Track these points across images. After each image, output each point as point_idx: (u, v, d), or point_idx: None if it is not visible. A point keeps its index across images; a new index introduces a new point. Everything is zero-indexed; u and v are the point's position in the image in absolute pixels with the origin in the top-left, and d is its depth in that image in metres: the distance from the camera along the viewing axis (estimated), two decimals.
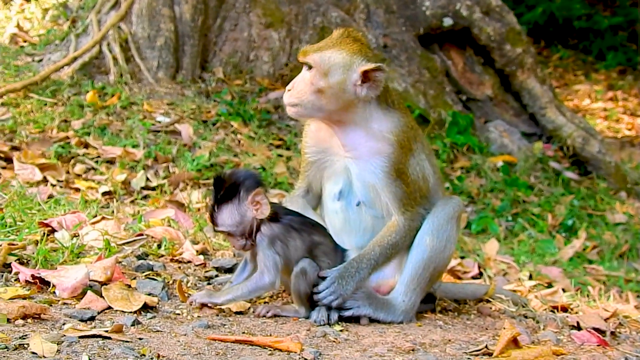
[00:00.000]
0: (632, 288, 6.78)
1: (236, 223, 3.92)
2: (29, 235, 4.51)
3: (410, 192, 4.14)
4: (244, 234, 3.95)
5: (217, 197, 3.92)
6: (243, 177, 3.95)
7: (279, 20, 9.51)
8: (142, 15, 9.04)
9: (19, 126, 7.43)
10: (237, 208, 3.91)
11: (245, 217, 3.92)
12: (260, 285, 3.93)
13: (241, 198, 3.91)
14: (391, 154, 4.10)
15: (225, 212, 3.92)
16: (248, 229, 3.94)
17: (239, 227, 3.93)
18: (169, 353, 3.19)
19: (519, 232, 8.18)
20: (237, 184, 3.91)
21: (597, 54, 17.18)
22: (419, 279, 4.14)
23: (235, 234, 3.95)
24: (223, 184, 3.93)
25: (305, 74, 4.09)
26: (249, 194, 3.91)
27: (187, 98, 8.64)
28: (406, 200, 4.12)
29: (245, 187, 3.91)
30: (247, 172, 4.03)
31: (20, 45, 9.85)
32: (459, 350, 3.71)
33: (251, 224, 3.94)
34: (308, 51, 4.09)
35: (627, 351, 4.04)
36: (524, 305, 4.89)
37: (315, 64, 4.05)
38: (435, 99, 9.59)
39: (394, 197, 4.10)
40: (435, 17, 10.01)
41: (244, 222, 3.93)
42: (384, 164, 4.09)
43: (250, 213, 3.92)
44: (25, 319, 3.37)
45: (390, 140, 4.11)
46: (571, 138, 9.83)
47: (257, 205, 3.92)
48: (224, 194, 3.92)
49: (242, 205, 3.91)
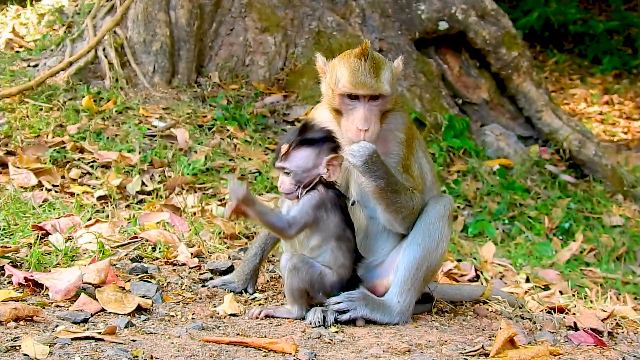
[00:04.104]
0: (630, 290, 6.76)
1: (304, 168, 3.88)
2: (23, 238, 4.50)
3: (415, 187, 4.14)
4: (300, 182, 3.90)
5: (302, 136, 3.89)
6: (331, 137, 3.93)
7: (274, 24, 9.51)
8: (137, 20, 9.03)
9: (15, 131, 7.41)
10: (315, 157, 3.88)
11: (316, 169, 3.89)
12: (279, 227, 3.88)
13: (323, 150, 3.89)
14: (400, 151, 4.15)
15: (302, 153, 3.88)
16: (307, 180, 3.90)
17: (303, 173, 3.88)
18: (162, 355, 3.17)
19: (515, 235, 8.17)
20: (326, 137, 3.90)
21: (593, 58, 17.19)
22: (413, 279, 4.12)
23: (294, 177, 3.89)
24: (311, 129, 3.91)
25: (370, 106, 3.99)
26: (331, 153, 3.90)
27: (183, 102, 8.63)
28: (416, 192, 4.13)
29: (331, 145, 3.91)
30: (334, 136, 3.98)
31: (16, 51, 9.84)
32: (455, 351, 3.69)
33: (314, 178, 3.90)
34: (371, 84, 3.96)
35: (624, 351, 4.03)
36: (521, 307, 4.88)
37: (387, 92, 4.02)
38: (432, 103, 9.58)
39: None
40: (430, 21, 10.01)
41: (310, 172, 3.89)
42: (394, 161, 4.11)
43: (321, 169, 3.89)
44: (18, 322, 3.35)
45: (400, 138, 4.16)
46: (567, 141, 9.81)
47: (332, 167, 3.89)
48: (310, 138, 3.89)
49: (320, 156, 3.88)
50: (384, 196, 4.00)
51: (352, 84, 3.97)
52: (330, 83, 4.08)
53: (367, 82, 3.96)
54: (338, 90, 4.01)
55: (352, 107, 4.00)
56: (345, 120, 4.03)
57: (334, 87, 4.03)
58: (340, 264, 3.99)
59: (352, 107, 4.00)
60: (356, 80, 3.96)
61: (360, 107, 3.98)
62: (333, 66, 4.12)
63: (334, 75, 4.06)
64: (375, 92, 3.98)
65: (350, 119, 4.00)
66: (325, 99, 4.18)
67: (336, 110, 4.07)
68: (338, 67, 4.07)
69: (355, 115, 3.98)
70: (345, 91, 3.99)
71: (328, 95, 4.11)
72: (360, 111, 3.97)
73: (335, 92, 4.03)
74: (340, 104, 4.02)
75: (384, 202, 4.03)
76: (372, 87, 3.97)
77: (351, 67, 3.99)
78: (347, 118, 4.02)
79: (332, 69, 4.11)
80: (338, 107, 4.04)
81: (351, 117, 3.99)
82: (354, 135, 3.96)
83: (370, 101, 3.99)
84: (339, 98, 4.01)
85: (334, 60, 4.16)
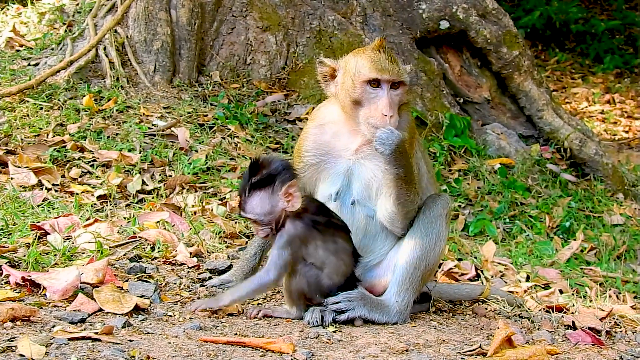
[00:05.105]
0: (630, 289, 6.74)
1: (265, 212, 3.85)
2: (21, 238, 4.50)
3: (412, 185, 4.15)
4: (270, 224, 3.88)
5: (251, 182, 3.84)
6: (281, 166, 3.87)
7: (275, 23, 9.50)
8: (138, 19, 9.02)
9: (15, 130, 7.40)
10: (270, 197, 3.85)
11: (276, 207, 3.85)
12: (264, 283, 3.88)
13: (275, 188, 3.84)
14: None
15: (257, 199, 3.84)
16: (275, 219, 3.87)
17: (267, 217, 3.86)
18: (159, 355, 3.17)
19: (516, 234, 8.15)
20: (273, 172, 3.84)
21: (594, 57, 17.16)
22: (411, 279, 4.13)
23: (261, 223, 3.88)
24: (258, 170, 3.85)
25: (392, 94, 4.14)
26: (284, 185, 3.84)
27: (184, 102, 8.62)
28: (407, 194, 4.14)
29: (281, 177, 3.84)
30: (284, 162, 3.94)
31: (17, 50, 9.83)
32: (453, 350, 3.69)
33: (279, 215, 3.87)
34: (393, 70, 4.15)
35: (622, 350, 4.02)
36: (520, 306, 4.87)
37: (407, 80, 4.22)
38: (433, 102, 9.56)
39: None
40: (432, 20, 9.99)
41: (274, 212, 3.86)
42: None
43: (281, 204, 3.85)
44: (14, 322, 3.35)
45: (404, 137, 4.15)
46: (568, 140, 9.79)
47: (290, 197, 3.86)
48: (259, 180, 3.84)
49: (275, 195, 3.84)
50: (400, 186, 4.08)
51: (377, 69, 4.12)
52: (349, 75, 4.19)
53: (390, 68, 4.14)
54: (361, 77, 4.13)
55: (374, 96, 4.13)
56: (367, 109, 4.14)
57: (355, 77, 4.15)
58: (342, 272, 4.00)
59: (374, 95, 4.13)
60: (380, 67, 4.13)
61: (383, 94, 4.12)
62: (347, 61, 4.27)
63: (352, 67, 4.19)
64: (399, 77, 4.15)
65: (373, 107, 4.13)
66: (341, 94, 4.25)
67: (355, 102, 4.15)
68: (355, 59, 4.22)
69: (379, 102, 4.12)
70: (371, 77, 4.12)
71: (346, 87, 4.19)
72: (383, 98, 4.12)
73: (356, 81, 4.14)
74: (362, 93, 4.14)
75: (398, 191, 4.09)
76: (395, 73, 4.14)
77: (371, 57, 4.17)
78: (369, 107, 4.14)
79: (348, 63, 4.25)
80: (359, 97, 4.14)
81: (374, 105, 4.13)
82: (379, 122, 4.08)
83: (392, 89, 4.14)
84: (360, 87, 4.13)
85: (347, 56, 4.32)
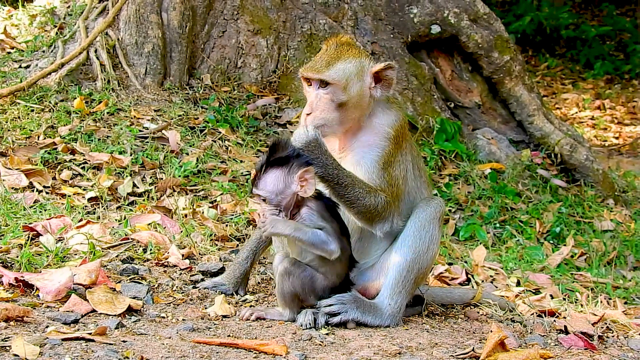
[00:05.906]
0: (620, 295, 6.76)
1: (277, 191, 3.83)
2: (14, 239, 4.48)
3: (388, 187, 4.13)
4: (279, 206, 3.85)
5: (269, 159, 3.84)
6: (300, 151, 3.89)
7: (267, 27, 9.50)
8: (129, 21, 9.01)
9: (6, 132, 7.38)
10: (285, 177, 3.83)
11: (289, 188, 3.83)
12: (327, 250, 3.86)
13: (292, 169, 3.83)
14: (386, 146, 4.15)
15: (272, 176, 3.83)
16: (285, 202, 3.85)
17: (277, 197, 3.83)
18: (152, 356, 3.17)
19: (507, 239, 8.17)
20: (292, 155, 3.84)
21: (585, 62, 17.27)
22: (404, 282, 4.13)
23: (270, 202, 3.85)
24: (281, 148, 3.86)
25: (319, 93, 4.07)
26: (301, 168, 3.83)
27: (175, 104, 8.61)
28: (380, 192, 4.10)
29: (299, 161, 3.84)
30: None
31: (7, 52, 9.79)
32: (446, 353, 3.70)
33: (290, 198, 3.85)
34: (319, 69, 4.07)
35: (614, 355, 4.04)
36: (512, 310, 4.89)
37: (333, 79, 4.06)
38: (423, 106, 9.58)
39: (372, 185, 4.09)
40: (423, 24, 10.01)
41: (285, 194, 3.84)
42: (377, 154, 4.12)
43: (294, 187, 3.83)
44: (8, 322, 3.34)
45: (388, 133, 4.17)
46: (559, 145, 9.83)
47: (304, 182, 3.83)
48: (277, 159, 3.84)
49: (290, 176, 3.82)
50: (329, 185, 4.00)
51: (307, 67, 4.13)
52: None
53: (315, 67, 4.09)
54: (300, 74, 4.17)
55: (308, 94, 4.15)
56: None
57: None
58: (338, 273, 4.00)
59: (308, 94, 4.15)
60: (310, 65, 4.13)
61: (311, 92, 4.11)
62: None
63: None
64: (319, 77, 4.06)
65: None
66: None
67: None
68: None
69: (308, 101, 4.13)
70: (302, 74, 4.13)
71: None
72: (310, 97, 4.12)
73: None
74: (305, 90, 4.18)
75: (332, 191, 4.01)
76: (317, 72, 4.06)
77: (316, 56, 4.19)
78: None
79: None
80: (305, 95, 4.18)
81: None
82: (301, 120, 4.09)
83: (320, 88, 4.08)
84: (304, 85, 4.16)
85: None
